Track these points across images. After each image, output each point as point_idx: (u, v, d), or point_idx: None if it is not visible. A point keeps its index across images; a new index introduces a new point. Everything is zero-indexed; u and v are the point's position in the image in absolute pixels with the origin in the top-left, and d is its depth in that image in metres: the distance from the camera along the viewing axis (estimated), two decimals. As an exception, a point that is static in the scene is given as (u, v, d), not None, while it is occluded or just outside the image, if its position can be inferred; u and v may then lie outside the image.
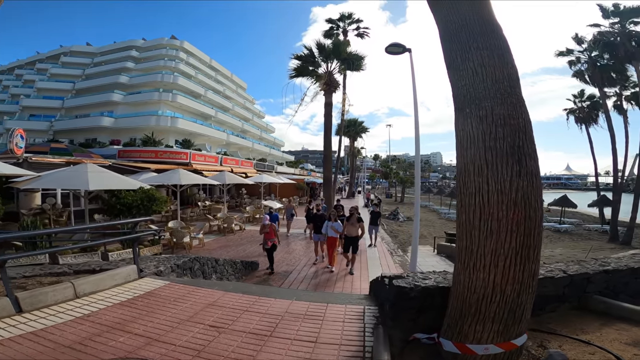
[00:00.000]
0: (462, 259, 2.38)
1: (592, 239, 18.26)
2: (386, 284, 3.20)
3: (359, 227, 8.27)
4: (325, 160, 17.08)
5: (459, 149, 2.52)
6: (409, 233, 17.82)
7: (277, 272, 8.54)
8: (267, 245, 8.09)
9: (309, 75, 18.13)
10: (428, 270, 3.74)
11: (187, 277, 5.63)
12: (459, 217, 2.52)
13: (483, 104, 2.38)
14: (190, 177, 14.22)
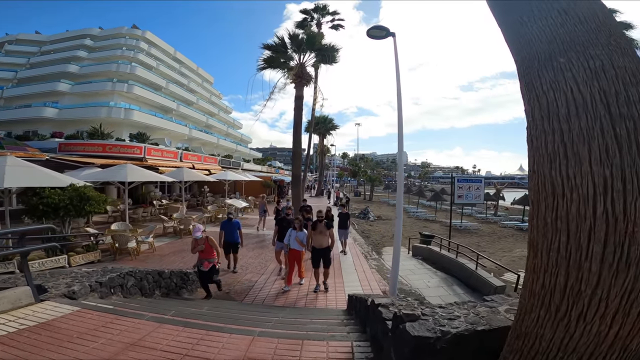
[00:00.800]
0: (552, 304, 1.41)
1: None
2: (388, 324, 2.23)
3: (328, 234, 6.71)
4: (294, 157, 16.00)
5: (541, 123, 1.53)
6: (380, 233, 17.26)
7: (241, 282, 7.43)
8: (203, 267, 5.94)
9: (279, 67, 16.95)
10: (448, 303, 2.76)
11: (116, 297, 4.38)
12: (540, 236, 1.50)
13: (590, 51, 1.46)
14: (140, 174, 12.62)
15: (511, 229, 21.95)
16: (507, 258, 12.15)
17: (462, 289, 7.79)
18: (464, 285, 7.96)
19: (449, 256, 9.20)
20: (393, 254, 6.07)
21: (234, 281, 7.50)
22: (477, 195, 11.57)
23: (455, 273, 8.52)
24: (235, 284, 7.29)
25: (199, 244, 5.94)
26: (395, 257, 6.07)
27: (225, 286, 7.22)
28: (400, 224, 6.16)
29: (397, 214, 6.20)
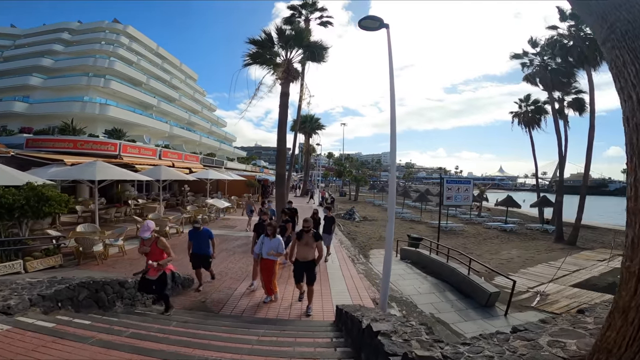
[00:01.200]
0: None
1: (538, 239, 18.85)
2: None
3: (315, 247, 5.58)
4: (279, 156, 15.38)
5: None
6: (367, 234, 16.87)
7: (219, 289, 6.84)
8: (149, 276, 4.72)
9: (265, 63, 16.23)
10: (473, 337, 2.13)
11: (65, 311, 3.73)
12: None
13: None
14: (111, 172, 11.76)
15: (495, 230, 22.02)
16: (495, 260, 11.96)
17: (454, 295, 7.42)
18: (456, 290, 7.60)
19: (439, 260, 8.85)
20: (384, 262, 5.62)
21: (212, 289, 6.89)
22: (466, 197, 11.31)
23: (446, 278, 8.17)
24: (212, 292, 6.69)
25: (145, 245, 4.88)
26: (386, 266, 5.61)
27: (202, 295, 6.62)
28: (392, 229, 5.70)
29: (389, 217, 5.74)
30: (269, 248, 5.81)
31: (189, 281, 7.09)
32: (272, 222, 6.24)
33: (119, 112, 26.99)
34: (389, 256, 5.59)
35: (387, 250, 5.66)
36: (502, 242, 16.67)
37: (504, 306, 7.21)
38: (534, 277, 9.85)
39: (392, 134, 6.08)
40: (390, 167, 6.31)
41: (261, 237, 6.05)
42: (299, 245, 5.63)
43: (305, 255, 5.57)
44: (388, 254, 5.62)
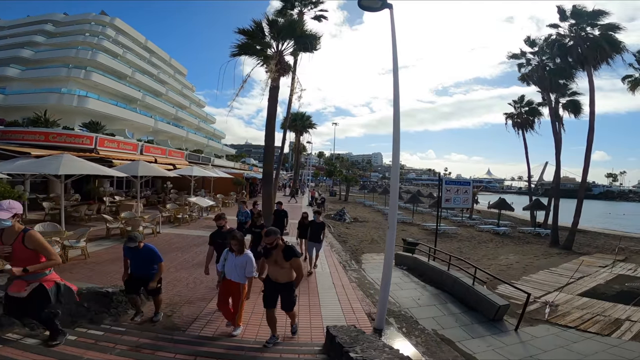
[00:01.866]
0: None
1: (532, 243, 18.40)
2: None
3: (290, 267, 4.09)
4: (267, 152, 14.47)
5: None
6: (358, 237, 16.08)
7: (191, 302, 5.91)
8: (12, 292, 3.05)
9: (255, 54, 15.24)
10: None
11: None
12: None
13: None
14: (79, 166, 10.61)
15: (488, 232, 21.54)
16: (494, 267, 11.30)
17: (457, 308, 6.66)
18: (458, 302, 6.85)
19: (439, 268, 8.08)
20: (383, 275, 4.81)
21: (182, 300, 5.95)
22: (465, 199, 10.61)
23: (447, 288, 7.41)
24: (182, 305, 5.74)
25: (4, 242, 2.99)
26: (385, 280, 4.80)
27: (170, 306, 5.69)
28: (393, 239, 4.87)
29: (390, 225, 4.90)
30: (234, 267, 4.39)
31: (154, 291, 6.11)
32: (235, 235, 4.52)
33: (99, 104, 25.68)
34: (389, 269, 4.80)
35: (387, 263, 4.86)
36: (498, 246, 16.09)
37: (513, 319, 6.50)
38: (537, 285, 9.19)
39: (395, 130, 5.22)
40: (392, 170, 5.42)
41: (224, 252, 4.60)
42: (268, 264, 4.26)
43: (276, 277, 4.16)
44: (387, 267, 4.83)
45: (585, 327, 6.50)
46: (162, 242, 10.52)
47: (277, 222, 9.13)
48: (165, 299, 5.96)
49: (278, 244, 4.03)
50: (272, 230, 4.15)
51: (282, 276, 4.12)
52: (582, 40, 17.11)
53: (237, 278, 4.40)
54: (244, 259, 4.39)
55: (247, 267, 4.37)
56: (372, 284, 7.25)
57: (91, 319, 4.63)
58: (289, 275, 4.14)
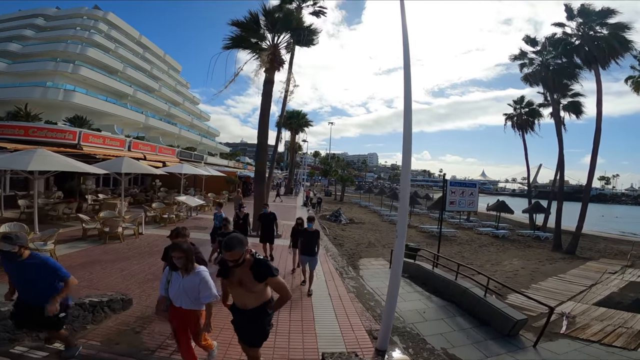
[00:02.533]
0: None
1: (533, 247, 17.82)
2: None
3: (264, 289, 2.92)
4: (259, 149, 13.73)
5: None
6: (354, 239, 15.34)
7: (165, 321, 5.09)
8: None
9: (249, 48, 14.52)
10: None
11: None
12: None
13: None
14: (52, 161, 9.73)
15: (487, 235, 20.98)
16: (500, 273, 10.63)
17: (468, 322, 5.96)
18: (468, 315, 6.16)
19: (445, 277, 7.36)
20: (388, 292, 4.08)
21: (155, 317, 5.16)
22: (471, 202, 9.92)
23: (455, 299, 6.71)
24: (153, 322, 4.94)
25: None
26: (390, 298, 4.06)
27: (140, 320, 4.92)
28: (402, 249, 4.14)
29: (399, 232, 4.16)
30: (182, 291, 3.10)
31: (126, 302, 5.34)
32: (182, 247, 3.16)
33: (87, 99, 24.72)
34: (395, 285, 4.06)
35: (394, 276, 4.13)
36: (499, 251, 15.45)
37: (529, 334, 5.82)
38: (549, 294, 8.54)
39: (407, 126, 4.48)
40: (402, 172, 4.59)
41: (166, 271, 3.32)
42: (229, 285, 2.97)
43: (244, 302, 2.90)
44: (394, 282, 4.08)
45: (610, 340, 5.86)
46: (143, 244, 9.70)
47: (264, 228, 8.16)
48: (135, 312, 5.21)
49: (245, 259, 2.74)
50: (235, 239, 2.69)
51: (250, 301, 2.89)
52: (590, 39, 16.58)
53: (189, 304, 3.12)
54: (195, 279, 3.08)
55: (201, 291, 3.07)
56: (372, 295, 6.53)
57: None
58: (259, 299, 2.91)
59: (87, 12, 33.53)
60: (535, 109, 27.35)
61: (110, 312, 4.91)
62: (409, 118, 4.45)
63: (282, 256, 8.95)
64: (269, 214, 8.21)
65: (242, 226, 8.25)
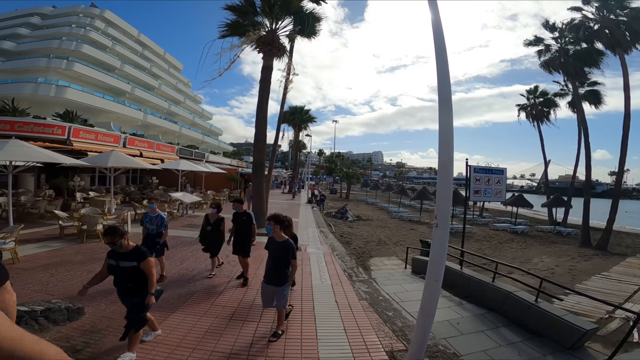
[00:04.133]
0: None
1: (558, 243, 16.42)
2: None
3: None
4: (257, 140, 12.54)
5: None
6: (363, 237, 14.10)
7: (116, 331, 3.95)
8: None
9: (246, 35, 13.40)
10: None
11: None
12: None
13: None
14: (31, 153, 8.77)
15: (505, 231, 19.60)
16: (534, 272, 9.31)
17: (516, 334, 4.69)
18: (514, 325, 4.89)
19: (480, 278, 6.04)
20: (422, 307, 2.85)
21: (111, 325, 4.01)
22: (498, 191, 8.60)
23: (494, 305, 5.43)
24: (106, 337, 3.78)
25: None
26: (426, 311, 2.84)
27: (86, 335, 3.77)
28: (445, 245, 2.93)
29: (439, 221, 2.94)
30: None
31: (78, 311, 4.19)
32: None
33: (81, 95, 23.79)
34: (432, 296, 2.84)
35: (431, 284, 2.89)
36: (522, 247, 14.11)
37: (596, 344, 4.59)
38: (600, 295, 7.22)
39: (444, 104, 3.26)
40: (440, 160, 3.33)
41: None
42: None
43: None
44: (431, 293, 2.86)
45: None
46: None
47: (236, 235, 5.94)
48: (84, 324, 4.04)
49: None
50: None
51: None
52: (613, 24, 15.33)
53: None
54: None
55: None
56: (389, 302, 5.31)
57: None
58: None
59: (83, 10, 32.91)
60: (551, 98, 25.93)
61: (49, 324, 3.77)
62: (446, 92, 3.21)
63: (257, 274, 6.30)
64: (241, 214, 5.99)
65: (212, 234, 6.15)
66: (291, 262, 3.92)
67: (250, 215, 6.09)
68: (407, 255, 9.00)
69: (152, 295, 3.23)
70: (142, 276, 3.20)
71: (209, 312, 4.61)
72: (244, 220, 5.96)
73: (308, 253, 8.37)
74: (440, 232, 2.87)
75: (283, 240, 3.96)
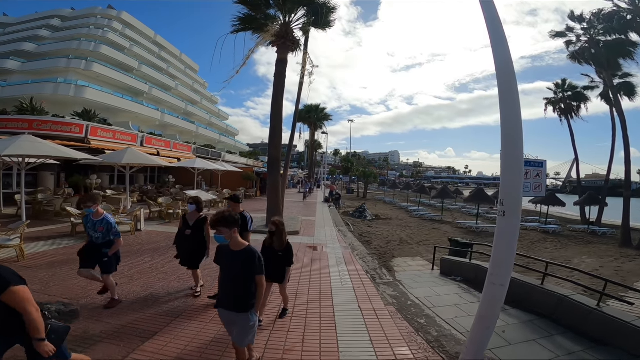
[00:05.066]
0: None
1: (594, 243, 15.21)
2: None
3: None
4: (273, 134, 12.06)
5: None
6: (384, 237, 13.40)
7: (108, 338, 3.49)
8: None
9: (259, 30, 13.04)
10: None
11: None
12: None
13: None
14: (43, 148, 8.62)
15: (535, 231, 18.45)
16: (575, 273, 8.44)
17: (574, 342, 3.92)
18: (571, 332, 4.14)
19: (525, 280, 5.22)
20: (480, 311, 2.22)
21: (104, 332, 3.57)
22: (538, 185, 7.73)
23: (543, 310, 4.66)
24: (98, 345, 3.33)
25: None
26: (483, 319, 2.22)
27: (75, 341, 3.33)
28: (515, 233, 2.30)
29: (507, 207, 2.32)
30: None
31: (72, 313, 3.74)
32: None
33: (99, 95, 24.06)
34: (491, 307, 2.20)
35: (492, 293, 2.28)
36: (558, 248, 13.06)
37: None
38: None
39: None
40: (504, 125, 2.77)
41: None
42: None
43: None
44: (491, 303, 2.23)
45: None
46: (137, 242, 8.26)
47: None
48: (77, 329, 3.59)
49: None
50: None
51: None
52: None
53: None
54: None
55: None
56: (419, 308, 4.67)
57: None
58: None
59: (100, 11, 33.64)
60: (581, 91, 24.39)
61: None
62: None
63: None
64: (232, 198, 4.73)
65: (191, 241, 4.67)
66: (256, 279, 2.67)
67: (246, 218, 4.46)
68: (434, 256, 8.28)
69: (41, 341, 2.03)
70: (12, 312, 1.97)
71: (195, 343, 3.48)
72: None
73: (326, 253, 7.81)
74: (508, 223, 2.24)
75: (241, 248, 2.69)
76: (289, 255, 4.02)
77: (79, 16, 33.97)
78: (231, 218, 2.66)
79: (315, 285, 5.36)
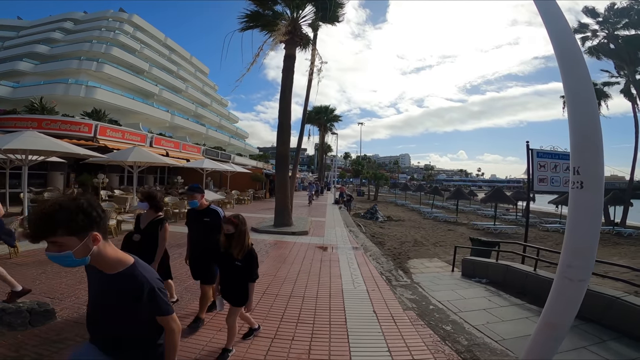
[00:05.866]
0: None
1: (622, 244, 14.40)
2: None
3: None
4: (281, 131, 11.64)
5: None
6: (397, 238, 12.79)
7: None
8: None
9: (267, 27, 12.78)
10: None
11: None
12: None
13: None
14: (46, 144, 8.39)
15: (558, 232, 17.58)
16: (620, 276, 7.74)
17: (630, 348, 3.29)
18: (625, 338, 3.48)
19: None
20: (548, 310, 1.67)
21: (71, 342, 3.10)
22: (568, 179, 7.17)
23: (588, 314, 3.98)
24: (63, 351, 2.86)
25: None
26: (552, 328, 1.68)
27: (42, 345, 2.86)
28: (599, 215, 1.83)
29: (587, 182, 1.79)
30: None
31: (48, 314, 3.34)
32: None
33: (110, 95, 24.18)
34: (566, 318, 1.68)
35: (562, 300, 1.74)
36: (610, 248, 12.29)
37: None
38: None
39: None
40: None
41: None
42: None
43: None
44: (564, 312, 1.70)
45: None
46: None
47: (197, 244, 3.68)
48: (50, 331, 3.15)
49: None
50: None
51: None
52: None
53: None
54: None
55: None
56: (443, 313, 4.10)
57: None
58: None
59: (112, 14, 34.21)
60: (600, 88, 23.29)
61: (2, 327, 2.93)
62: None
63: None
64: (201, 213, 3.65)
65: (144, 247, 3.39)
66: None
67: (217, 213, 3.57)
68: (454, 256, 7.63)
69: None
70: None
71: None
72: (205, 222, 3.54)
73: (337, 253, 7.28)
74: (589, 197, 1.69)
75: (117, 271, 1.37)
76: (250, 265, 2.77)
77: (91, 19, 34.61)
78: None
79: (325, 287, 4.84)
